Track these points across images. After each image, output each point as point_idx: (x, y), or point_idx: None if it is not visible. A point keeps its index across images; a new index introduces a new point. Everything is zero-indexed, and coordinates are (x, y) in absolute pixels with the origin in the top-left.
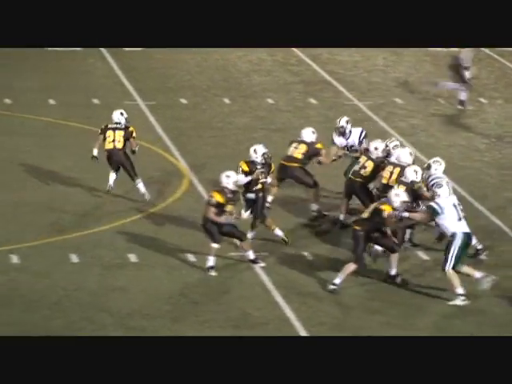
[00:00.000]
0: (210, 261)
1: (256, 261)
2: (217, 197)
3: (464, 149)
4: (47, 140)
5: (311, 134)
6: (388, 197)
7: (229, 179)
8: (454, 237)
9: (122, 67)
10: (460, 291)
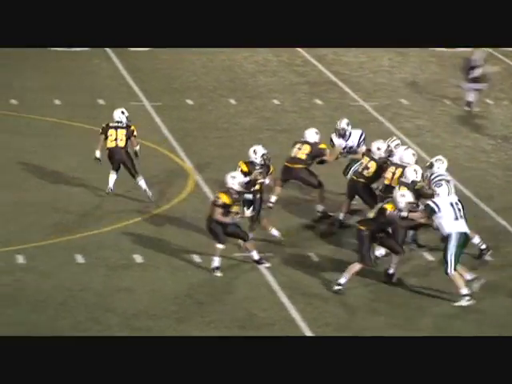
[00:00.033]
0: (216, 261)
1: (260, 261)
2: (223, 198)
3: (470, 150)
4: (52, 140)
5: (315, 135)
6: (393, 197)
7: (234, 180)
8: (449, 237)
9: (128, 67)
10: (465, 291)
